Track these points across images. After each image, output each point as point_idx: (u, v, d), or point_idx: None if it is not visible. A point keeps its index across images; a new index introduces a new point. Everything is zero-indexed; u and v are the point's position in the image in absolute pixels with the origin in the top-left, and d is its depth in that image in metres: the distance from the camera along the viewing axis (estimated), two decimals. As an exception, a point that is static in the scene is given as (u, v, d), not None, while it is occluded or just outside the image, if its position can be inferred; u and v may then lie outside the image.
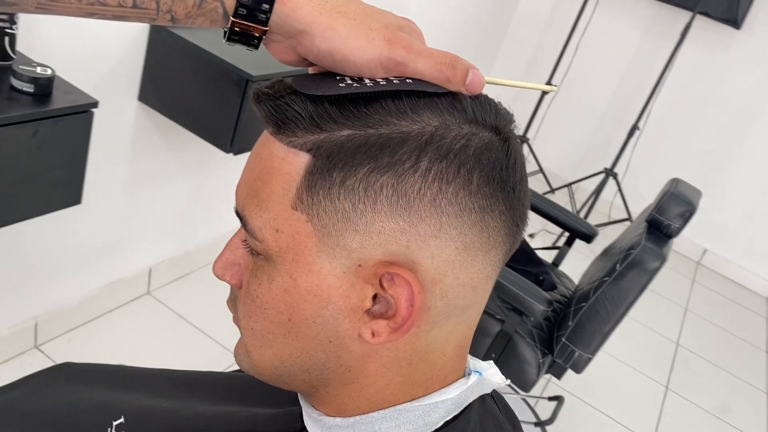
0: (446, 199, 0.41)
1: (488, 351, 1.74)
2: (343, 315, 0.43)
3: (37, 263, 1.68)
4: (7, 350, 1.71)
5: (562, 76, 3.71)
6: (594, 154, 4.00)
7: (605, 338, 1.66)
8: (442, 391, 0.47)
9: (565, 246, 2.12)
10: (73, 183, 1.23)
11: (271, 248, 0.43)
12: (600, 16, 3.65)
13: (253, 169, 0.45)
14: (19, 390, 0.78)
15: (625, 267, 1.58)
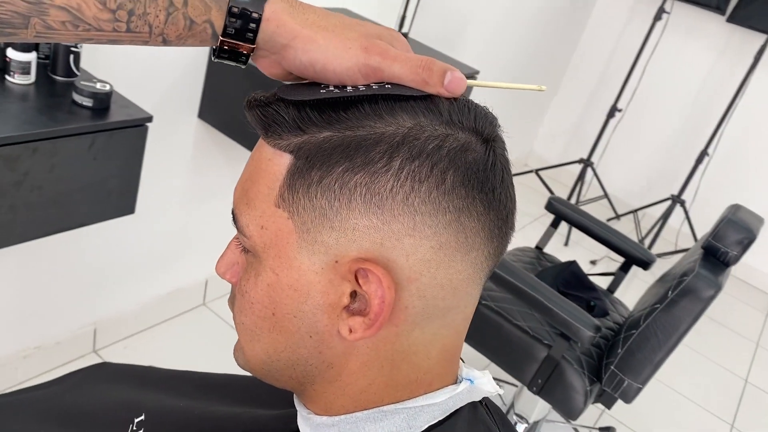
0: (419, 198, 0.42)
1: (534, 376, 1.70)
2: (322, 310, 0.44)
3: (97, 271, 1.77)
4: (67, 353, 1.79)
5: (629, 99, 3.63)
6: (661, 180, 3.88)
7: (656, 368, 1.60)
8: (428, 395, 0.47)
9: (621, 272, 2.05)
10: (128, 193, 1.29)
11: (257, 244, 0.45)
12: (669, 38, 3.57)
13: (246, 171, 0.48)
14: (59, 386, 0.83)
15: (677, 294, 1.52)
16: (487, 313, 1.77)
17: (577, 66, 4.04)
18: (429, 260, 0.43)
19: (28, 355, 1.69)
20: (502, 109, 2.23)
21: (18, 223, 1.12)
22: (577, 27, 3.86)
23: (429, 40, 2.45)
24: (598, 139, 3.58)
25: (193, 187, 1.89)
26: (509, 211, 0.46)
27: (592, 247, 3.43)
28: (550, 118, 4.22)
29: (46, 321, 1.71)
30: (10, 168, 1.05)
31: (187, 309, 2.13)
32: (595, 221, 2.06)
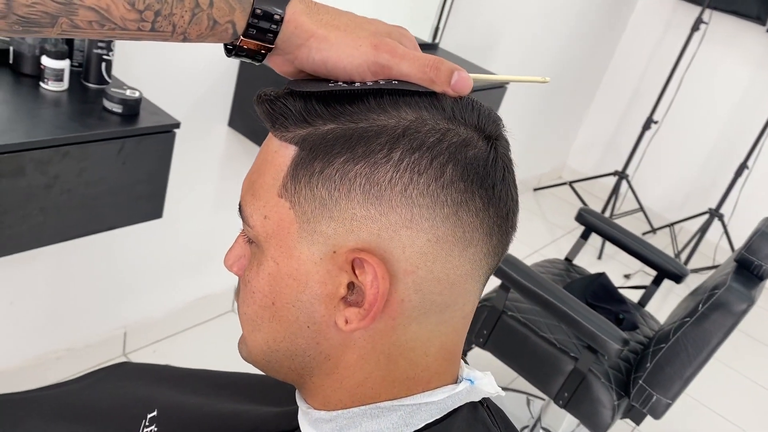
0: (417, 190, 0.42)
1: (561, 389, 1.68)
2: (319, 301, 0.45)
3: (128, 275, 1.80)
4: (97, 356, 1.83)
5: (665, 111, 3.57)
6: (698, 194, 3.79)
7: (686, 383, 1.56)
8: (426, 393, 0.47)
9: (653, 285, 2.01)
10: (156, 197, 1.32)
11: (259, 234, 0.46)
12: (707, 49, 3.50)
13: (254, 164, 0.49)
14: (79, 383, 0.85)
15: (708, 308, 1.48)
16: (513, 324, 1.75)
17: (613, 77, 3.99)
18: (426, 253, 0.43)
19: (60, 356, 1.73)
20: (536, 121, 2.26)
21: (48, 225, 1.15)
22: (612, 38, 3.82)
23: (461, 51, 2.45)
24: (634, 151, 3.52)
25: (222, 194, 1.92)
26: (509, 209, 0.46)
27: (627, 261, 3.37)
28: (584, 129, 4.18)
29: (77, 324, 1.75)
30: (42, 171, 1.09)
31: (216, 315, 2.16)
32: (625, 233, 2.03)
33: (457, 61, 2.20)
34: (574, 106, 3.93)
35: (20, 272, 1.53)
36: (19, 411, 0.76)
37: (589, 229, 2.11)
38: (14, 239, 1.12)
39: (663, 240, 3.77)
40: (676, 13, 3.70)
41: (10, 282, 1.53)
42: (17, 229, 1.11)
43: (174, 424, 0.65)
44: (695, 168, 3.81)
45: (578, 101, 3.95)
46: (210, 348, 2.05)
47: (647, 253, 1.98)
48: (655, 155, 3.79)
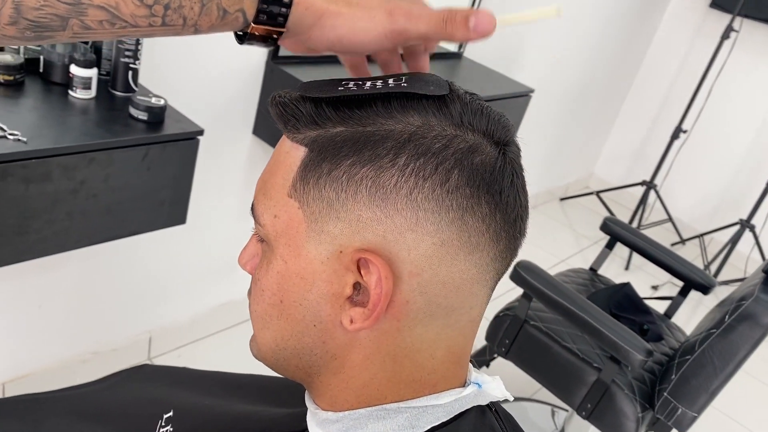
0: (422, 195, 0.42)
1: (584, 400, 1.66)
2: (326, 300, 0.46)
3: (154, 281, 1.83)
4: (123, 360, 1.85)
5: (694, 120, 3.52)
6: (729, 204, 3.73)
7: (712, 396, 1.53)
8: (433, 396, 0.47)
9: (679, 296, 1.98)
10: (179, 203, 1.34)
11: (269, 233, 0.47)
12: (737, 57, 3.45)
13: (268, 165, 0.50)
14: (100, 384, 0.87)
15: (734, 319, 1.45)
16: (536, 334, 1.74)
17: (641, 86, 3.95)
18: (431, 256, 0.43)
19: (86, 360, 1.76)
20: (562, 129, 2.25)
21: (74, 230, 1.17)
22: (641, 46, 3.78)
23: (487, 60, 2.45)
24: (662, 161, 3.47)
25: (246, 201, 1.94)
26: (518, 214, 0.46)
27: (655, 272, 3.32)
28: (612, 139, 4.13)
29: (103, 328, 1.78)
30: (68, 177, 1.11)
31: (240, 321, 2.18)
32: (650, 242, 2.00)
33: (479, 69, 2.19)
34: (601, 114, 3.90)
35: (49, 276, 1.56)
36: (40, 411, 0.78)
37: (614, 239, 2.08)
38: (41, 243, 1.14)
39: (692, 251, 3.71)
40: (706, 20, 3.65)
41: (39, 286, 1.56)
42: (44, 233, 1.13)
43: (188, 425, 0.66)
44: (725, 178, 3.74)
45: (606, 110, 3.91)
46: (233, 353, 2.06)
47: (672, 262, 1.95)
48: (684, 165, 3.74)
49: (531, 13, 0.51)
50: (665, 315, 2.01)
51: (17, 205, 1.07)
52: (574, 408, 1.68)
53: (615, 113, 4.04)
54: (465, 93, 0.47)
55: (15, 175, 1.04)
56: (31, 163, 1.05)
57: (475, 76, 2.22)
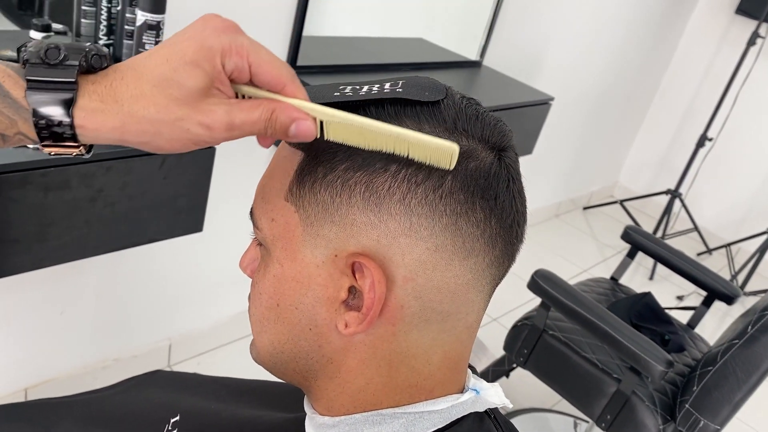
0: (416, 200, 0.43)
1: (603, 412, 1.63)
2: (321, 303, 0.46)
3: (174, 288, 1.85)
4: (143, 367, 1.87)
5: (719, 128, 3.47)
6: (756, 213, 3.65)
7: (736, 408, 1.49)
8: (429, 402, 0.47)
9: (702, 306, 1.95)
10: (196, 212, 1.35)
11: (267, 237, 0.48)
12: (764, 64, 3.39)
13: (267, 169, 0.50)
14: (113, 389, 0.89)
15: (757, 329, 1.42)
16: (554, 344, 1.72)
17: (665, 94, 3.90)
18: (425, 261, 0.43)
19: (107, 366, 1.79)
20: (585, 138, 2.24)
21: (92, 237, 1.19)
22: (665, 53, 3.74)
23: (503, 67, 2.44)
24: (687, 169, 3.42)
25: (265, 210, 1.95)
26: (513, 220, 0.46)
27: (680, 282, 3.27)
28: (636, 147, 4.09)
29: (124, 335, 1.81)
30: (86, 185, 1.13)
31: (259, 329, 2.19)
32: (673, 252, 1.97)
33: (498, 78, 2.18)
34: (625, 122, 3.86)
35: (71, 282, 1.59)
36: (53, 415, 0.79)
37: (636, 248, 2.06)
38: (60, 250, 1.16)
39: (719, 261, 3.64)
40: (731, 27, 3.60)
41: (61, 291, 1.59)
42: (63, 240, 1.15)
43: (194, 429, 0.67)
44: (753, 186, 3.67)
45: (630, 117, 3.87)
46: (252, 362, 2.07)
47: (695, 272, 1.92)
48: (709, 173, 3.68)
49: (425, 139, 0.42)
50: (688, 325, 1.97)
51: (36, 212, 1.09)
52: (594, 419, 1.66)
53: (639, 121, 4.00)
54: (461, 98, 0.47)
55: (34, 183, 1.06)
56: (51, 172, 1.07)
57: (494, 84, 2.21)
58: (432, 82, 0.47)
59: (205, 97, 0.41)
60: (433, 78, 0.48)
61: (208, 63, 0.41)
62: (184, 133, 0.41)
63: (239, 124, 0.42)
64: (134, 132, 0.41)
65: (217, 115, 0.41)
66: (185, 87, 0.41)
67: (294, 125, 0.42)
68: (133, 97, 0.41)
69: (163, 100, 0.41)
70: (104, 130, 0.41)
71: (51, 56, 0.40)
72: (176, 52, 0.41)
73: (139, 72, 0.41)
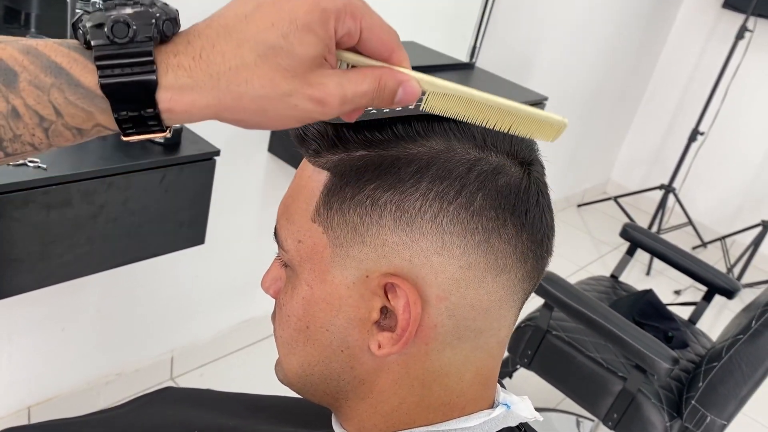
0: (447, 218, 0.42)
1: (609, 410, 1.63)
2: (353, 325, 0.45)
3: (174, 301, 1.84)
4: (146, 380, 1.86)
5: (711, 121, 3.49)
6: (750, 205, 3.68)
7: (742, 403, 1.50)
8: (462, 419, 0.47)
9: (703, 301, 1.95)
10: (198, 224, 1.35)
11: (294, 258, 0.47)
12: (753, 57, 3.41)
13: (289, 189, 0.49)
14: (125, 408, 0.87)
15: (761, 324, 1.43)
16: (558, 344, 1.72)
17: (655, 89, 3.92)
18: (458, 279, 0.43)
19: (110, 381, 1.77)
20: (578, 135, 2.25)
21: (95, 254, 1.18)
22: (654, 50, 3.76)
23: (496, 68, 2.45)
24: (680, 164, 3.44)
25: (264, 219, 1.94)
26: (544, 234, 0.46)
27: (677, 276, 3.28)
28: (628, 143, 4.10)
29: (126, 349, 1.79)
30: (88, 201, 1.12)
31: (261, 338, 2.18)
32: (672, 248, 1.98)
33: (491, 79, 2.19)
34: (616, 119, 3.87)
35: (71, 299, 1.58)
36: (66, 436, 0.78)
37: (635, 245, 2.06)
38: (63, 268, 1.15)
39: (714, 254, 3.66)
40: (719, 21, 3.63)
41: (61, 309, 1.57)
42: (66, 258, 1.14)
43: (214, 448, 0.66)
44: (746, 179, 3.70)
45: (621, 114, 3.89)
46: (255, 370, 2.06)
47: (695, 268, 1.92)
48: (702, 167, 3.70)
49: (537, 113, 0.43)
50: (689, 321, 1.98)
51: (39, 231, 1.08)
52: (600, 418, 1.66)
53: (630, 117, 4.01)
54: None
55: (36, 202, 1.05)
56: (52, 190, 1.06)
57: (487, 85, 2.21)
58: None
59: (317, 67, 0.37)
60: None
61: (322, 27, 0.36)
62: (292, 109, 0.37)
63: (351, 97, 0.38)
64: (233, 109, 0.37)
65: (329, 89, 0.37)
66: (297, 56, 0.36)
67: (401, 89, 0.39)
68: (231, 69, 0.36)
69: (269, 72, 0.36)
70: (196, 110, 0.37)
71: (119, 33, 0.35)
72: (285, 14, 0.36)
73: (237, 38, 0.36)
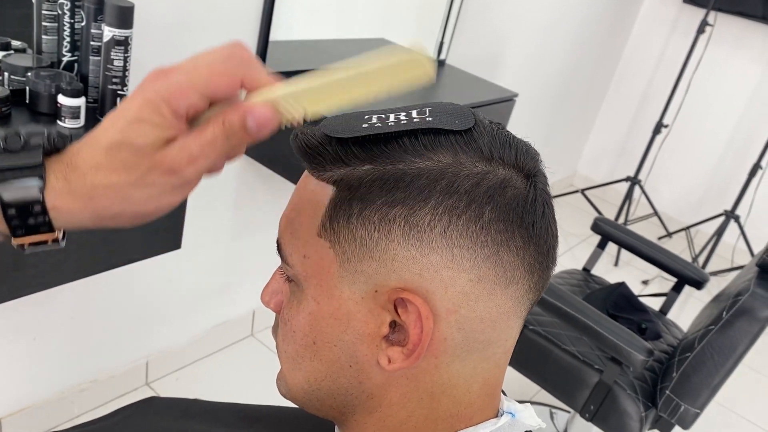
0: (457, 232, 0.42)
1: (586, 402, 1.66)
2: (362, 340, 0.45)
3: (148, 306, 1.81)
4: (121, 386, 1.83)
5: (675, 114, 3.56)
6: (713, 196, 3.77)
7: (714, 391, 1.54)
8: (470, 429, 0.47)
9: (673, 292, 2.00)
10: (174, 229, 1.33)
11: (299, 273, 0.46)
12: (714, 51, 3.49)
13: (291, 202, 0.49)
14: (108, 421, 0.85)
15: (732, 315, 1.47)
16: (534, 338, 1.74)
17: (620, 83, 3.99)
18: (468, 293, 0.43)
19: (85, 389, 1.74)
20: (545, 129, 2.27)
21: (70, 262, 1.16)
22: (618, 44, 3.82)
23: (466, 65, 2.46)
24: (645, 156, 3.51)
25: (238, 221, 1.92)
26: (550, 245, 0.46)
27: (644, 267, 3.35)
28: (594, 136, 4.17)
29: (101, 355, 1.76)
30: (63, 209, 1.10)
31: (236, 340, 2.16)
32: (643, 240, 2.02)
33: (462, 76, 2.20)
34: (582, 113, 3.93)
35: (42, 308, 1.54)
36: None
37: (606, 239, 2.10)
38: (38, 278, 1.13)
39: (680, 244, 3.74)
40: (680, 16, 3.70)
41: (32, 318, 1.54)
42: (41, 268, 1.12)
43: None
44: (708, 170, 3.79)
45: (587, 108, 3.94)
46: (231, 374, 2.05)
47: (666, 260, 1.97)
48: (667, 159, 3.78)
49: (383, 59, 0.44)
50: (660, 312, 2.02)
51: (12, 241, 1.05)
52: (578, 410, 1.69)
53: (596, 111, 4.08)
54: (490, 123, 0.46)
55: (9, 212, 1.03)
56: (25, 198, 1.04)
57: (458, 83, 2.22)
58: (457, 108, 0.46)
59: (161, 148, 0.41)
60: (455, 103, 0.48)
61: (155, 115, 0.41)
62: (152, 187, 0.41)
63: (198, 152, 0.41)
64: (105, 203, 0.41)
65: (172, 155, 0.41)
66: (135, 145, 0.41)
67: (249, 119, 0.42)
68: (92, 168, 0.41)
69: (119, 164, 0.41)
70: (76, 209, 0.41)
71: (12, 143, 0.40)
72: (120, 114, 0.41)
73: (91, 142, 0.41)
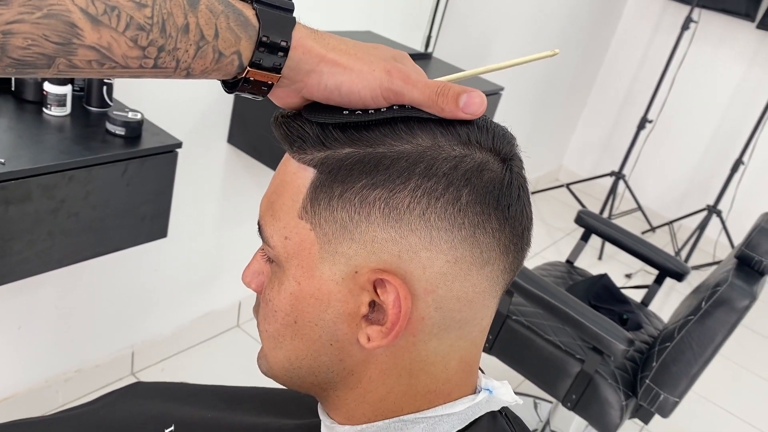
0: (435, 214, 0.43)
1: (568, 392, 1.69)
2: (342, 319, 0.46)
3: (134, 295, 1.81)
4: (107, 376, 1.83)
5: (659, 110, 3.60)
6: (696, 191, 3.82)
7: (692, 380, 1.57)
8: (448, 405, 0.48)
9: (655, 284, 2.03)
10: (160, 217, 1.33)
11: (280, 254, 0.47)
12: (698, 47, 3.53)
13: (272, 184, 0.50)
14: (94, 405, 0.86)
15: (710, 305, 1.50)
16: (518, 328, 1.76)
17: (605, 78, 4.02)
18: (445, 273, 0.44)
19: (69, 378, 1.74)
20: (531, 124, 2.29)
21: (56, 249, 1.16)
22: (603, 40, 3.85)
23: (453, 59, 2.47)
24: (629, 151, 3.54)
25: (224, 210, 1.93)
26: (524, 227, 0.47)
27: (627, 260, 3.39)
28: (580, 131, 4.20)
29: (86, 345, 1.76)
30: (48, 196, 1.10)
31: (222, 331, 2.16)
32: (625, 233, 2.04)
33: (449, 70, 2.22)
34: (568, 108, 3.96)
35: (27, 296, 1.54)
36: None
37: (589, 231, 2.12)
38: (23, 264, 1.13)
39: (663, 238, 3.79)
40: (665, 13, 3.73)
41: (17, 306, 1.53)
42: (26, 255, 1.12)
43: (195, 439, 0.66)
44: (692, 165, 3.83)
45: (572, 103, 3.97)
46: (217, 363, 2.05)
47: (648, 253, 1.99)
48: (651, 154, 3.82)
49: (529, 57, 0.52)
50: (642, 303, 2.05)
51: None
52: (559, 400, 1.71)
53: (581, 106, 4.11)
54: None
55: (-6, 198, 1.03)
56: (10, 185, 1.04)
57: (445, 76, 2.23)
58: None
59: None
60: None
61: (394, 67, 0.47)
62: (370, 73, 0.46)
63: (414, 80, 0.46)
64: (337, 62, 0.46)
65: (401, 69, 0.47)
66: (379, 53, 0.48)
67: (466, 95, 0.46)
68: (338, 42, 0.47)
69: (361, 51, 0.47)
70: (311, 55, 0.45)
71: None
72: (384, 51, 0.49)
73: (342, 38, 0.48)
